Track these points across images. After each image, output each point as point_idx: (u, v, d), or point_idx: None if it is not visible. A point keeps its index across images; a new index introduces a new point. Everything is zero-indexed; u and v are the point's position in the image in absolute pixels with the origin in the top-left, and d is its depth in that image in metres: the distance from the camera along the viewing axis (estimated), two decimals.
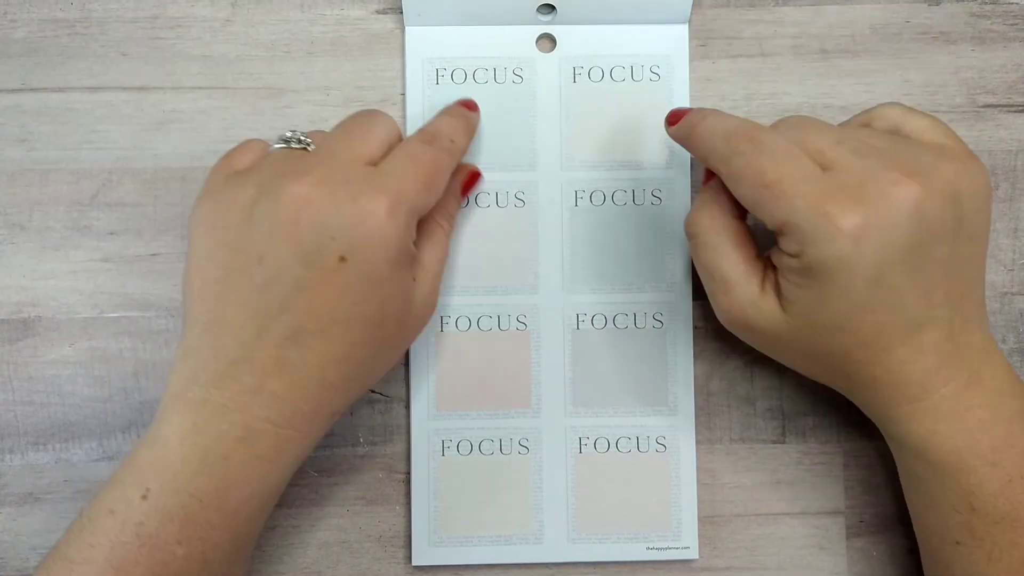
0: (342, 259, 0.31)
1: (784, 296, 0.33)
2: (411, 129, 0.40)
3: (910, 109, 0.35)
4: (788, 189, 0.31)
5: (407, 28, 0.40)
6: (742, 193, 0.33)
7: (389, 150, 0.34)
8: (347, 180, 0.32)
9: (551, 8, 0.40)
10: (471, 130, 0.39)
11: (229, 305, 0.32)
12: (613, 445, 0.40)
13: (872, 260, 0.31)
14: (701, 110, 0.35)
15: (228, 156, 0.36)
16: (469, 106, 0.39)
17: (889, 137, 0.33)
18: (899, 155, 0.32)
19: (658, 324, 0.40)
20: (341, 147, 0.33)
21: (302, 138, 0.34)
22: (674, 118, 0.36)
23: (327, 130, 0.36)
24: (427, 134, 0.36)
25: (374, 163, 0.33)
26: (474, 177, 0.40)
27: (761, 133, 0.32)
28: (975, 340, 0.34)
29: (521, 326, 0.40)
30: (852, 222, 0.30)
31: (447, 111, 0.38)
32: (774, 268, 0.33)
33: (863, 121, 0.35)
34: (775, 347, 0.35)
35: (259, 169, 0.33)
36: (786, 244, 0.32)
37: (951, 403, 0.33)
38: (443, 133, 0.36)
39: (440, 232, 0.37)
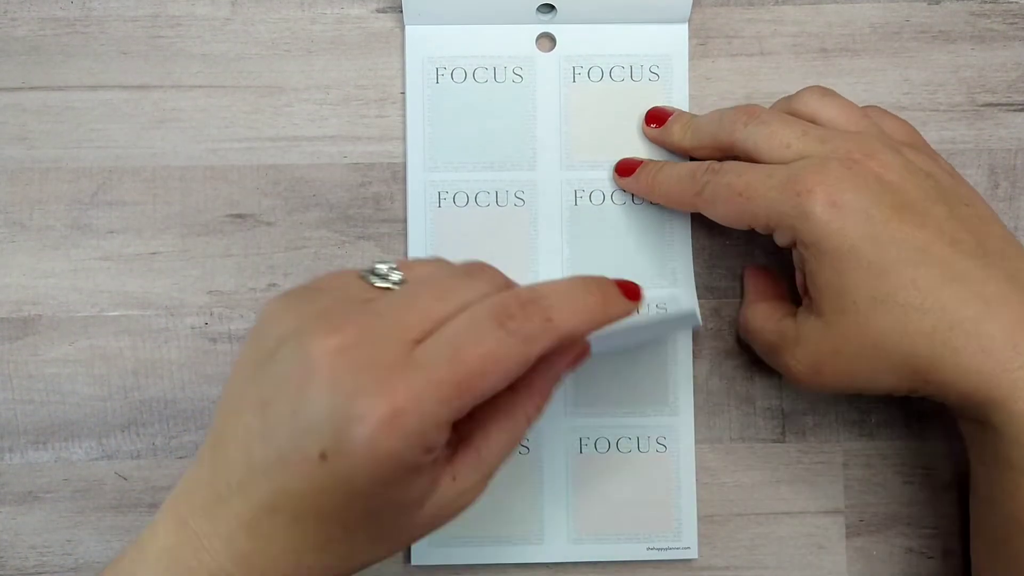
0: (323, 456, 0.26)
1: (814, 295, 0.34)
2: (412, 128, 0.40)
3: (827, 93, 0.36)
4: (759, 187, 0.33)
5: (407, 27, 0.40)
6: (723, 212, 0.35)
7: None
8: (368, 362, 0.26)
9: (551, 8, 0.40)
10: (597, 315, 0.30)
11: (230, 440, 0.28)
12: (613, 445, 0.40)
13: (860, 219, 0.32)
14: (650, 163, 0.39)
15: (324, 277, 0.31)
16: (630, 292, 0.31)
17: (868, 125, 0.35)
18: (861, 141, 0.34)
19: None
20: (398, 307, 0.28)
21: (389, 274, 0.29)
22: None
23: (434, 261, 0.31)
24: (513, 305, 0.28)
25: (424, 338, 0.28)
26: (582, 356, 0.32)
27: (716, 164, 0.35)
28: None
29: None
30: (824, 194, 0.32)
31: (582, 280, 0.30)
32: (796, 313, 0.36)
33: (784, 108, 0.37)
34: (847, 369, 0.34)
35: (322, 295, 0.29)
36: (780, 237, 0.34)
37: None
38: (538, 308, 0.28)
39: (518, 418, 0.30)
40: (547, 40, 0.41)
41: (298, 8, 0.41)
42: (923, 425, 0.41)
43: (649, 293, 0.40)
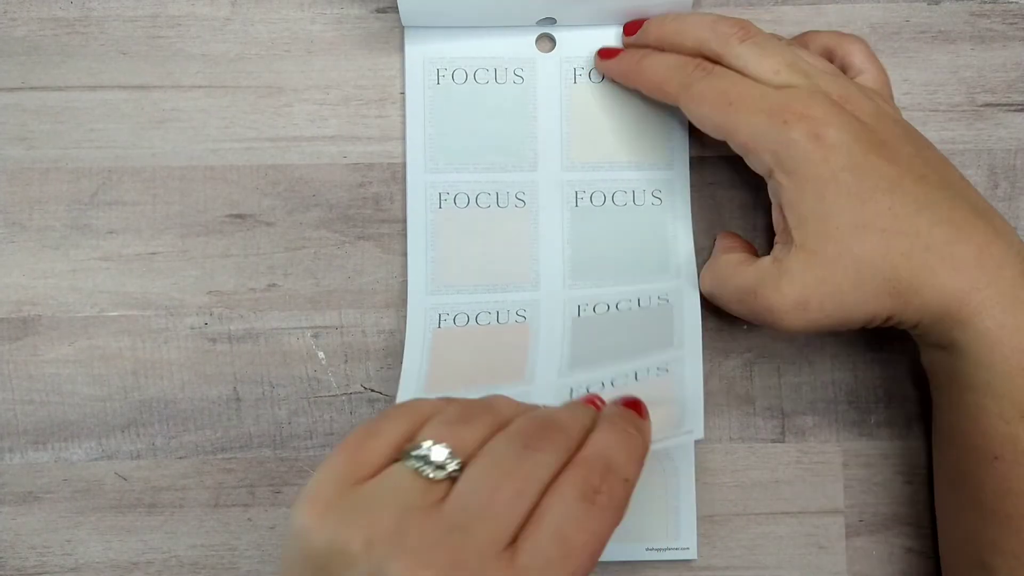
0: None
1: (794, 226, 0.34)
2: (412, 129, 0.40)
3: (841, 35, 0.38)
4: (750, 103, 0.34)
5: (406, 29, 0.40)
6: (704, 113, 0.36)
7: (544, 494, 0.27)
8: None
9: (551, 20, 0.40)
10: (645, 451, 0.30)
11: None
12: None
13: (842, 151, 0.33)
14: (635, 50, 0.39)
15: (354, 448, 0.28)
16: (640, 411, 0.31)
17: (836, 71, 0.37)
18: (841, 84, 0.35)
19: None
20: (481, 515, 0.26)
21: (447, 463, 0.27)
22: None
23: (465, 416, 0.29)
24: (594, 478, 0.27)
25: (515, 538, 0.26)
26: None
27: (710, 65, 0.36)
28: (1009, 229, 0.34)
29: (520, 320, 0.40)
30: (809, 126, 0.33)
31: (612, 424, 0.30)
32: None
33: (800, 42, 0.39)
34: (833, 299, 0.34)
35: (376, 500, 0.26)
36: (755, 162, 0.35)
37: (1015, 290, 0.33)
38: (614, 474, 0.28)
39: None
40: (547, 41, 0.41)
41: (298, 8, 0.41)
42: (923, 425, 0.41)
43: (653, 285, 0.40)
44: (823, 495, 0.41)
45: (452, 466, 0.27)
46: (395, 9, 0.41)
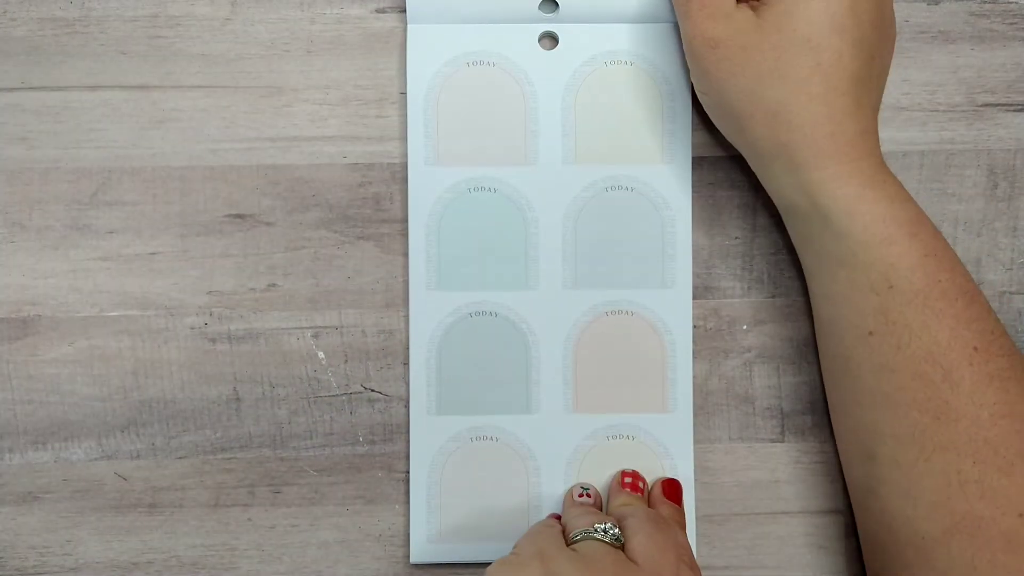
0: None
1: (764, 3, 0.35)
2: (413, 127, 0.40)
3: None
4: None
5: (409, 26, 0.40)
6: None
7: None
8: None
9: (554, 5, 0.40)
10: (683, 517, 0.39)
11: None
12: (613, 444, 0.40)
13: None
14: None
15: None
16: (675, 495, 0.39)
17: None
18: None
19: (657, 323, 0.40)
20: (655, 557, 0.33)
21: (616, 533, 0.34)
22: None
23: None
24: (688, 555, 0.35)
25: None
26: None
27: None
28: (877, 140, 0.36)
29: (521, 323, 0.40)
30: None
31: (663, 502, 0.39)
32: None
33: None
34: (732, 68, 0.35)
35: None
36: None
37: (874, 172, 0.35)
38: (685, 548, 0.35)
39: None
40: (549, 39, 0.41)
41: (298, 8, 0.41)
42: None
43: (647, 295, 0.40)
44: (823, 495, 0.41)
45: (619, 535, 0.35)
46: (395, 9, 0.41)
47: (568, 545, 0.34)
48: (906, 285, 0.34)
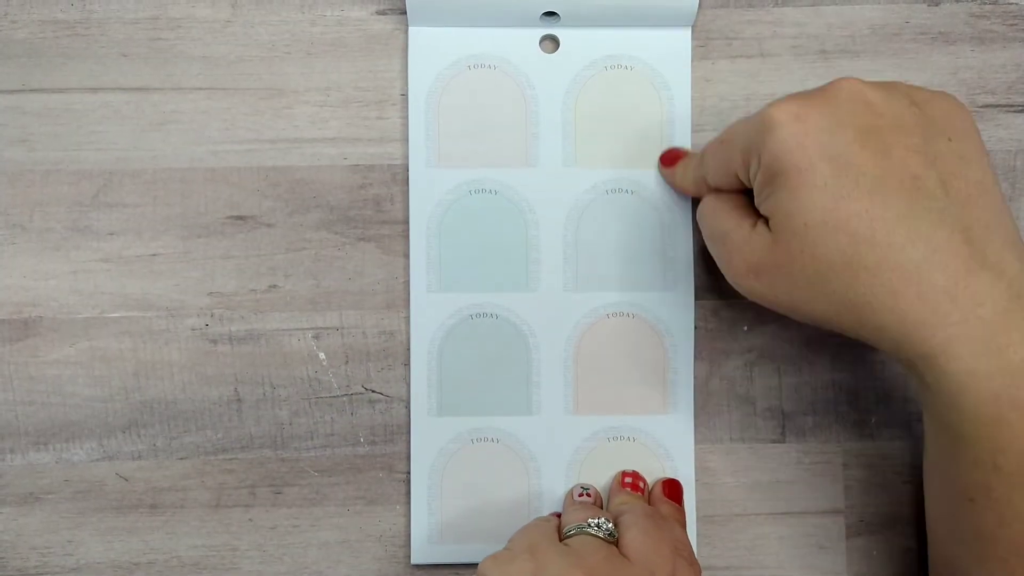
0: None
1: (767, 215, 0.32)
2: (414, 129, 0.40)
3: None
4: (737, 128, 0.34)
5: (411, 28, 0.40)
6: (713, 168, 0.35)
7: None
8: None
9: (554, 15, 0.40)
10: (683, 515, 0.39)
11: None
12: (613, 445, 0.40)
13: (821, 139, 0.31)
14: (690, 157, 0.39)
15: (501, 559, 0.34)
16: (675, 495, 0.40)
17: None
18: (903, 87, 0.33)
19: (658, 325, 0.40)
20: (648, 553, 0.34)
21: (610, 528, 0.35)
22: (669, 160, 0.40)
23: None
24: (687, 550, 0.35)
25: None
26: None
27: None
28: (1009, 257, 0.30)
29: (522, 325, 0.40)
30: (790, 109, 0.31)
31: (663, 500, 0.39)
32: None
33: None
34: (784, 285, 0.32)
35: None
36: (753, 172, 0.33)
37: (991, 331, 0.29)
38: (686, 547, 0.35)
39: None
40: (550, 42, 0.41)
41: (298, 10, 0.41)
42: (923, 425, 0.41)
43: (648, 296, 0.40)
44: (823, 495, 0.41)
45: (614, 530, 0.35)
46: (395, 11, 0.41)
47: (561, 540, 0.34)
48: (1014, 468, 0.30)
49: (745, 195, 0.35)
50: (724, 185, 0.35)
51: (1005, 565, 0.31)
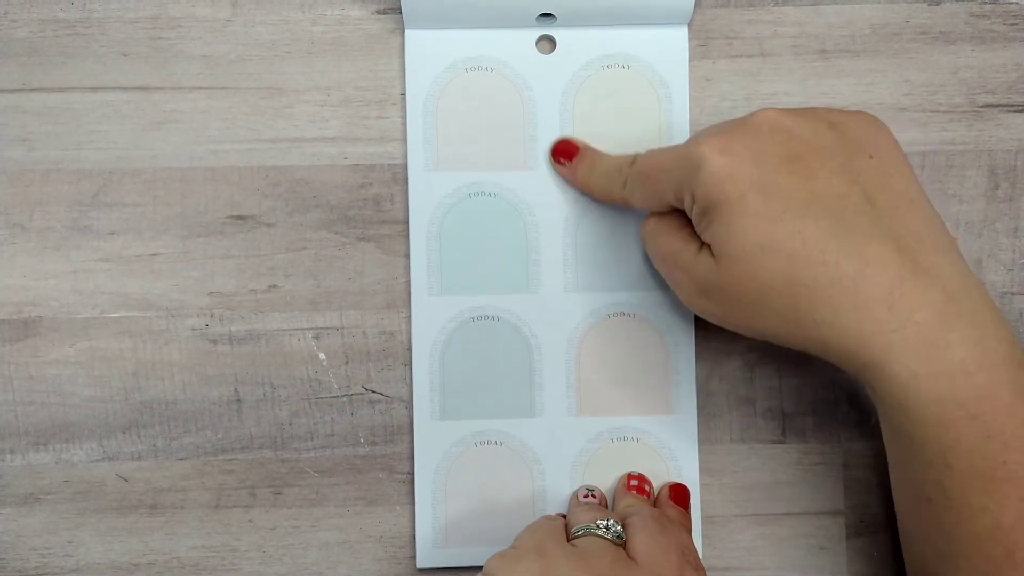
0: None
1: (708, 243, 0.33)
2: (412, 130, 0.40)
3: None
4: (664, 161, 0.35)
5: (407, 31, 0.40)
6: (640, 199, 0.36)
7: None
8: None
9: (550, 16, 0.40)
10: (689, 520, 0.39)
11: None
12: (614, 446, 0.40)
13: (748, 169, 0.32)
14: (587, 153, 0.40)
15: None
16: (683, 500, 0.39)
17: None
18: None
19: (660, 324, 0.40)
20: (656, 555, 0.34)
21: (618, 531, 0.35)
22: (563, 153, 0.40)
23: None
24: (693, 554, 0.35)
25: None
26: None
27: (635, 156, 0.37)
28: (941, 261, 0.31)
29: (523, 327, 0.40)
30: (715, 144, 0.32)
31: (670, 505, 0.39)
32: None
33: None
34: (732, 305, 0.33)
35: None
36: (687, 206, 0.34)
37: (929, 335, 0.30)
38: (689, 551, 0.35)
39: None
40: (547, 42, 0.41)
41: (299, 10, 0.41)
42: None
43: (648, 297, 0.40)
44: (824, 496, 0.41)
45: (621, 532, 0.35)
46: (395, 11, 0.41)
47: (569, 541, 0.34)
48: (964, 466, 0.31)
49: (685, 216, 0.35)
50: (656, 209, 0.36)
51: (968, 562, 0.32)
